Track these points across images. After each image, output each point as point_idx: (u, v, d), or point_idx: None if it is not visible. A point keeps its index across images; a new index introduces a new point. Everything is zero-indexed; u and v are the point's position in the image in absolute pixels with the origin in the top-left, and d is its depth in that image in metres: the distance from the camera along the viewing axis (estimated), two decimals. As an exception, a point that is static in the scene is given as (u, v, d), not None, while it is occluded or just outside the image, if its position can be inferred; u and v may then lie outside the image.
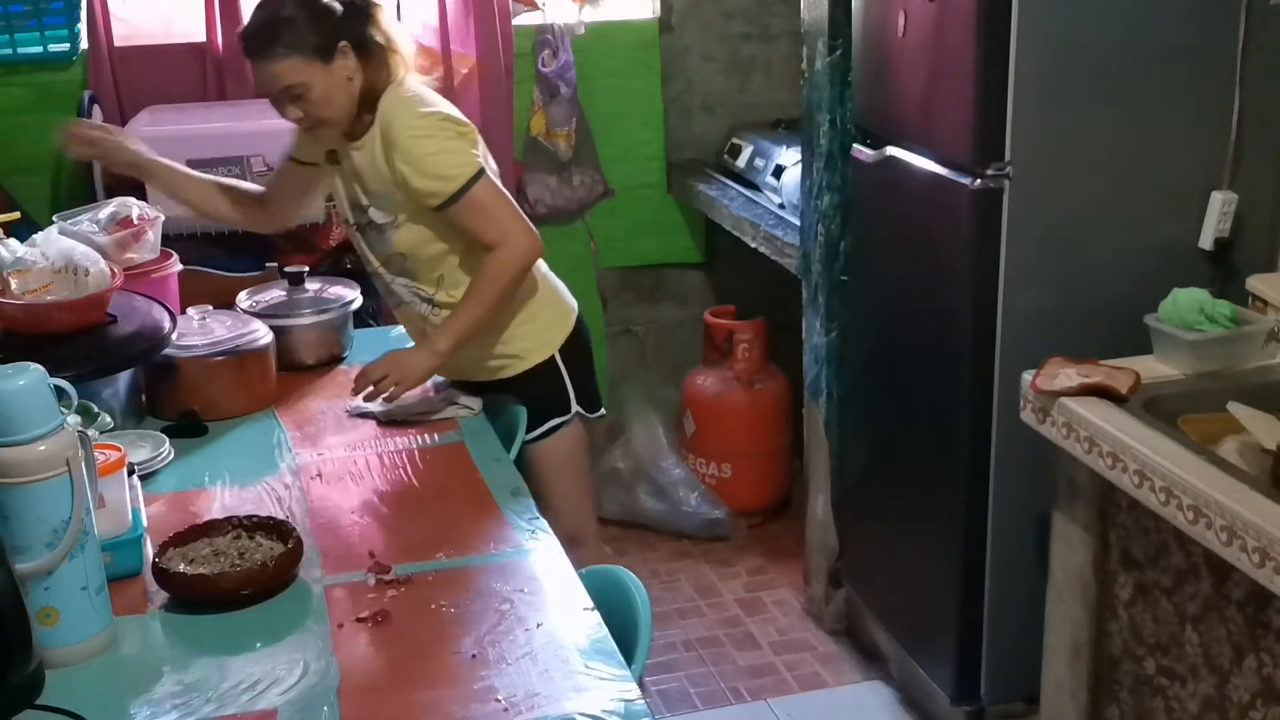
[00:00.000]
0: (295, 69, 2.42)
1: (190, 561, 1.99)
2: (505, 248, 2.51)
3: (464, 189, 2.47)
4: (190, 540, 2.05)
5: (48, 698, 1.71)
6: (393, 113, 2.50)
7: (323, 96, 2.45)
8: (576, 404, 2.75)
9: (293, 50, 2.42)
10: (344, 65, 2.45)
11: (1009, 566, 2.85)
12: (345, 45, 2.45)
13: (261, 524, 2.08)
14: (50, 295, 2.45)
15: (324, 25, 2.44)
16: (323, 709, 1.69)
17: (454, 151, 2.49)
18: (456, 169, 2.48)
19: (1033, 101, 2.60)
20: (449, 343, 2.55)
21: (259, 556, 1.99)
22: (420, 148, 2.47)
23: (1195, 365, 2.40)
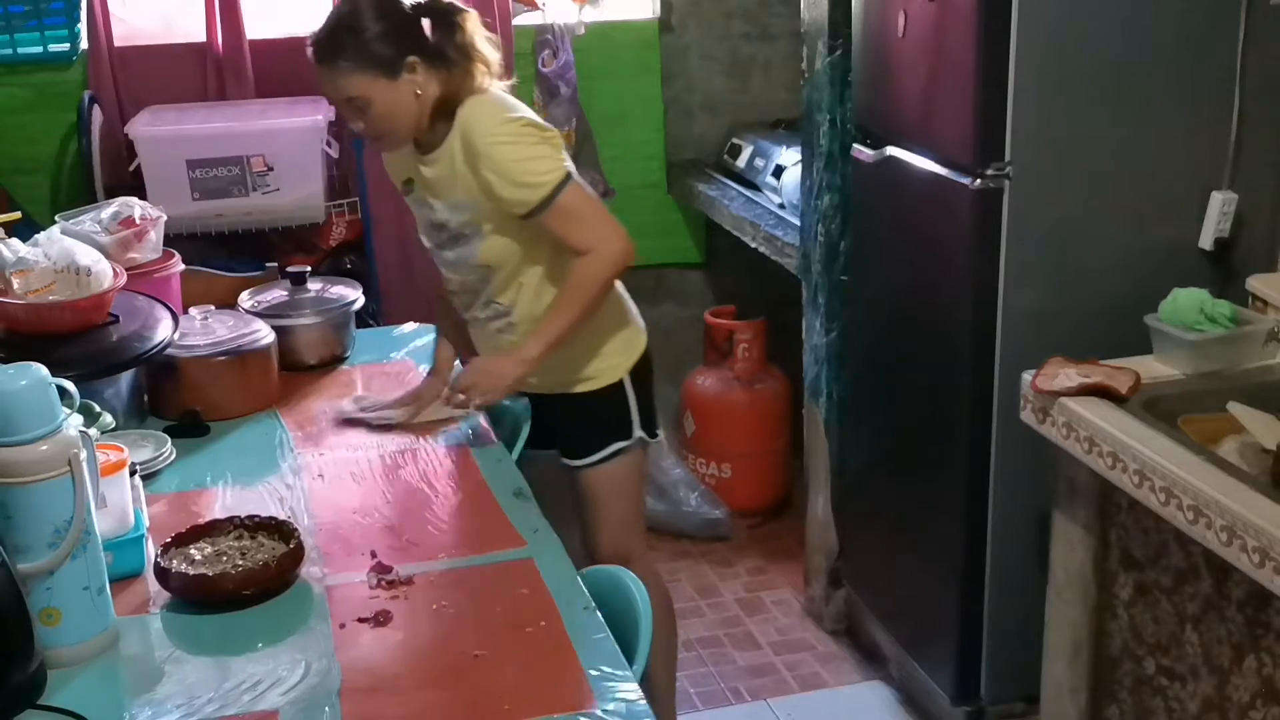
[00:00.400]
0: (358, 83, 2.35)
1: (192, 561, 1.99)
2: (597, 252, 2.42)
3: (552, 195, 2.38)
4: (192, 540, 2.05)
5: (49, 698, 1.72)
6: (474, 119, 2.41)
7: (386, 111, 2.37)
8: (639, 428, 2.66)
9: (356, 63, 2.34)
10: (411, 80, 2.36)
11: (1009, 566, 2.86)
12: (415, 60, 2.36)
13: (263, 524, 2.09)
14: (52, 295, 2.45)
15: (394, 39, 2.35)
16: (324, 709, 1.69)
17: (540, 157, 2.40)
18: (543, 175, 2.39)
19: (1033, 101, 2.60)
20: (539, 348, 2.45)
21: (261, 556, 1.99)
22: (506, 154, 2.38)
23: (1195, 365, 2.40)
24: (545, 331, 2.45)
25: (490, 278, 2.52)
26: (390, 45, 2.34)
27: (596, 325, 2.54)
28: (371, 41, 2.33)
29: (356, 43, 2.33)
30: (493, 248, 2.48)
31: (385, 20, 2.35)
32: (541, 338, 2.45)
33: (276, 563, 1.96)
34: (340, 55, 2.34)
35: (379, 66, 2.34)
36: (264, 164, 3.52)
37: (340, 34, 2.35)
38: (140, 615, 1.93)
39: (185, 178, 3.49)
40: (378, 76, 2.34)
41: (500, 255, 2.49)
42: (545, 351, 2.45)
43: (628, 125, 4.24)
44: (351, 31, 2.34)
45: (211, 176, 3.50)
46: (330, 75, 2.36)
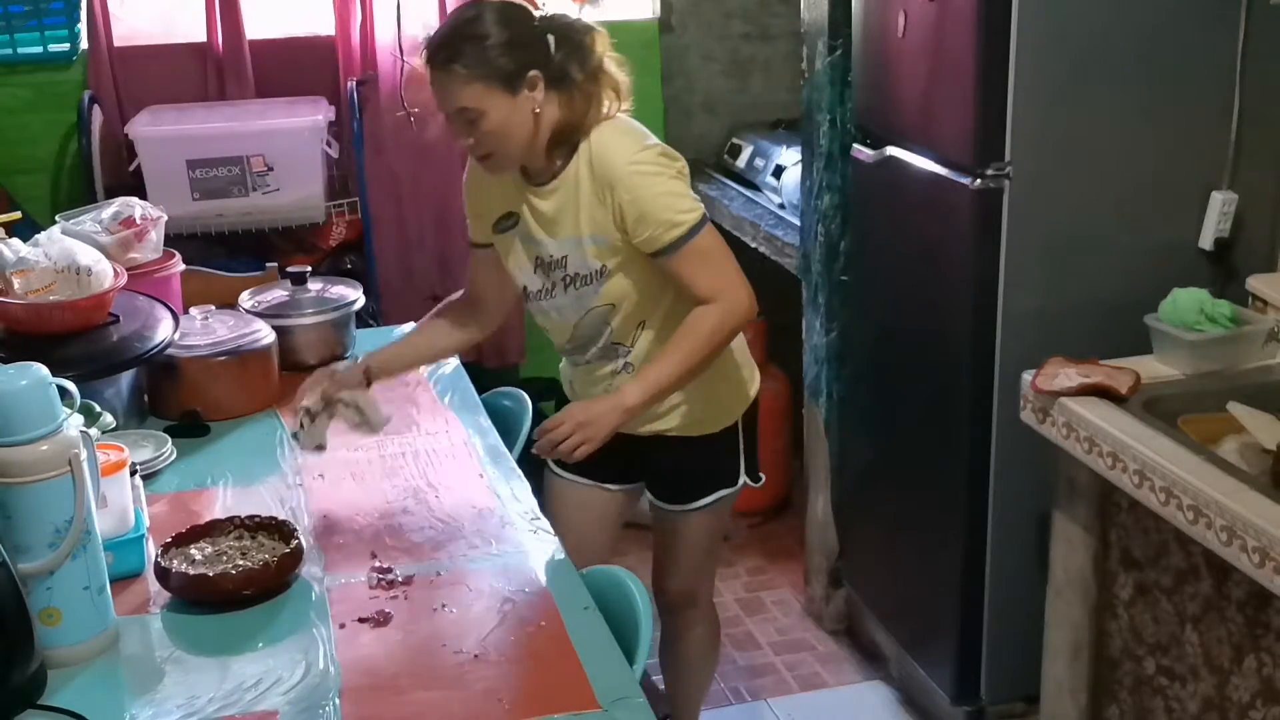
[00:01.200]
0: (473, 92, 2.16)
1: (192, 561, 1.99)
2: (722, 303, 2.23)
3: (688, 235, 2.20)
4: (192, 540, 2.05)
5: (49, 698, 1.72)
6: (611, 145, 2.23)
7: (500, 128, 2.18)
8: (745, 474, 2.53)
9: (473, 72, 2.15)
10: (530, 98, 2.18)
11: (1009, 566, 2.86)
12: (536, 75, 2.18)
13: (264, 524, 2.09)
14: (53, 295, 2.45)
15: (517, 50, 2.17)
16: (324, 709, 1.69)
17: (680, 194, 2.22)
18: (684, 213, 2.21)
19: (1033, 101, 2.60)
20: (641, 398, 2.23)
21: (261, 556, 1.99)
22: (648, 185, 2.20)
23: (1195, 365, 2.40)
24: (650, 379, 2.24)
25: (611, 319, 2.33)
26: (513, 56, 2.16)
27: (721, 367, 2.37)
28: (492, 49, 2.15)
29: (476, 49, 2.15)
30: (616, 286, 2.29)
31: (510, 29, 2.18)
32: (645, 385, 2.24)
33: (276, 563, 1.96)
34: (457, 59, 2.15)
35: (498, 77, 2.15)
36: (264, 164, 3.52)
37: (460, 38, 2.17)
38: (140, 615, 1.93)
39: (185, 178, 3.49)
40: (495, 88, 2.15)
41: (623, 293, 2.30)
42: (648, 401, 2.25)
43: (628, 125, 4.24)
44: (472, 37, 2.16)
45: (211, 176, 3.50)
46: (444, 81, 2.17)
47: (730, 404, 2.46)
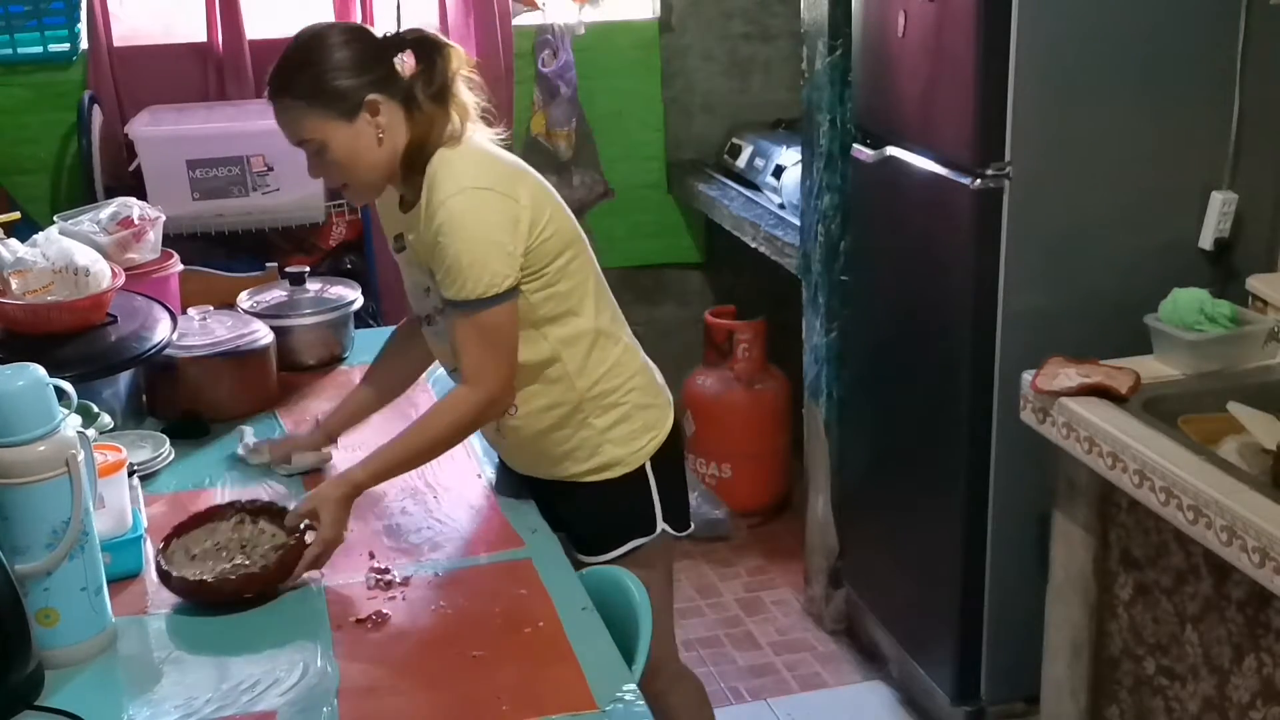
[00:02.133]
0: (309, 124, 2.05)
1: (193, 557, 1.99)
2: (475, 392, 2.09)
3: (474, 304, 2.04)
4: (192, 529, 2.04)
5: (47, 699, 1.72)
6: (440, 175, 2.07)
7: (344, 157, 2.06)
8: (662, 521, 2.30)
9: (307, 101, 2.04)
10: (372, 122, 2.05)
11: (1009, 566, 2.85)
12: (376, 99, 2.04)
13: (265, 508, 2.08)
14: (51, 295, 2.45)
15: (352, 74, 2.03)
16: (323, 710, 1.69)
17: (485, 259, 2.03)
18: (474, 281, 2.03)
19: (1033, 101, 2.60)
20: (366, 476, 2.10)
21: (264, 546, 1.99)
22: (456, 230, 2.03)
23: (1195, 365, 2.40)
24: (380, 458, 2.11)
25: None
26: (348, 81, 2.03)
27: (610, 405, 2.24)
28: (325, 76, 2.02)
29: (308, 78, 2.03)
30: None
31: (342, 53, 2.04)
32: (372, 466, 2.10)
33: (275, 564, 1.95)
34: (289, 90, 2.05)
35: (332, 105, 2.03)
36: (264, 164, 3.52)
37: (291, 67, 2.06)
38: (138, 616, 1.92)
39: (185, 178, 3.49)
40: (331, 117, 2.03)
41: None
42: (372, 481, 2.11)
43: (628, 125, 4.24)
44: (303, 65, 2.05)
45: (211, 176, 3.50)
46: (279, 113, 2.08)
47: (638, 444, 2.26)
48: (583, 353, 2.21)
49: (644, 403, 2.29)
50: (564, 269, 2.16)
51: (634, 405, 2.27)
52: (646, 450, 2.28)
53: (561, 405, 2.21)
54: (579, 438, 2.23)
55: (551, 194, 2.19)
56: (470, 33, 3.90)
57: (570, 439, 2.23)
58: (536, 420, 2.22)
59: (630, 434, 2.26)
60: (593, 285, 2.24)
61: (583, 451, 2.25)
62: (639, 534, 2.28)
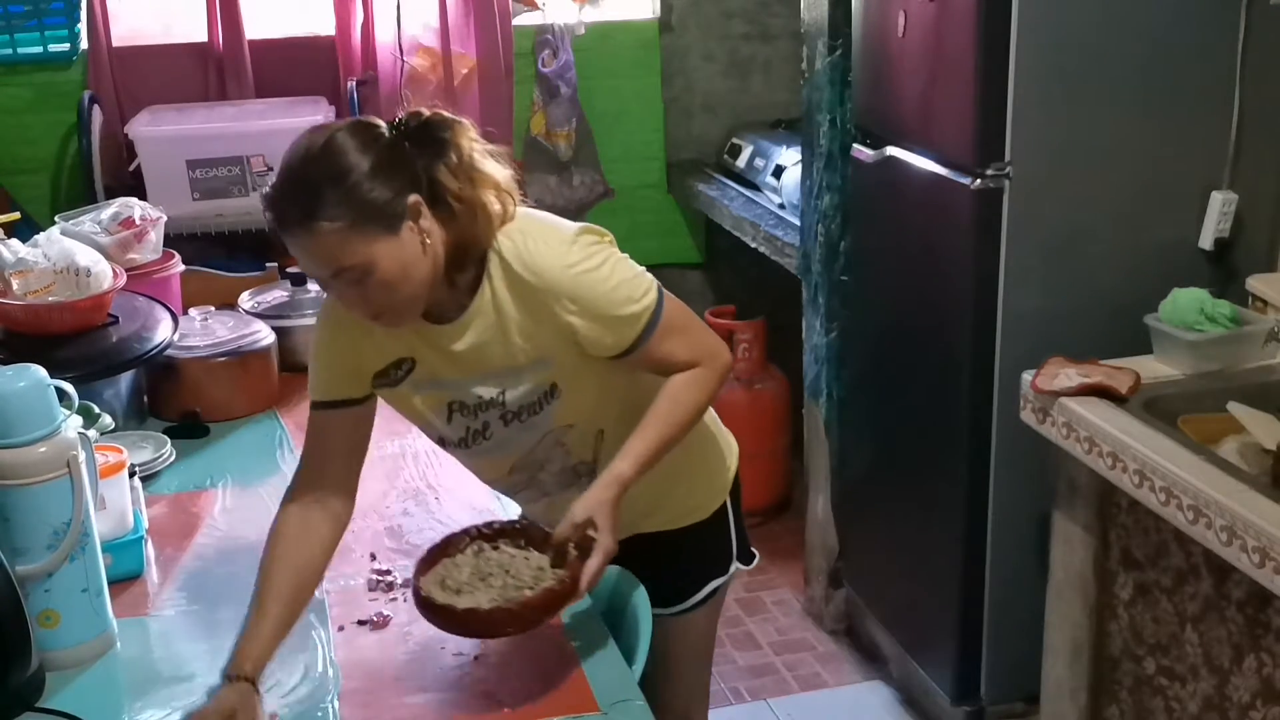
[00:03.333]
0: (351, 248, 1.67)
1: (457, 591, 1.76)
2: (705, 365, 1.87)
3: (655, 319, 1.82)
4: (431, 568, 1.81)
5: (47, 700, 1.72)
6: (538, 255, 1.79)
7: (393, 276, 1.70)
8: (737, 558, 2.14)
9: (345, 223, 1.65)
10: (415, 229, 1.71)
11: (1009, 566, 2.85)
12: (418, 200, 1.71)
13: (502, 531, 1.86)
14: (52, 296, 2.45)
15: (389, 179, 1.69)
16: (323, 711, 1.69)
17: (629, 277, 1.83)
18: (643, 298, 1.82)
19: (1033, 101, 2.60)
20: (633, 468, 1.80)
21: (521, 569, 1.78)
22: (598, 285, 1.79)
23: (1195, 365, 2.40)
24: (640, 452, 1.82)
25: (566, 439, 1.92)
26: (385, 186, 1.68)
27: (701, 445, 2.03)
28: (360, 186, 1.67)
29: (340, 192, 1.66)
30: (569, 406, 1.88)
31: (370, 154, 1.69)
32: (634, 457, 1.81)
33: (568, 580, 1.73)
34: (319, 213, 1.65)
35: (375, 220, 1.67)
36: (264, 164, 3.51)
37: (315, 184, 1.66)
38: (139, 617, 1.93)
39: (185, 178, 3.49)
40: (375, 234, 1.67)
41: (579, 408, 1.89)
42: (639, 473, 1.81)
43: (628, 125, 4.24)
44: (331, 179, 1.66)
45: (211, 176, 3.50)
46: (307, 243, 1.68)
47: (718, 483, 2.09)
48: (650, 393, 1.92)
49: (717, 432, 2.11)
50: None
51: (712, 438, 2.08)
52: (727, 483, 2.10)
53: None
54: (669, 482, 1.97)
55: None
56: (470, 32, 3.90)
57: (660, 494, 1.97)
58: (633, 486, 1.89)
59: (715, 469, 2.08)
60: None
61: (670, 500, 2.02)
62: (717, 575, 2.10)
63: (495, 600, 1.73)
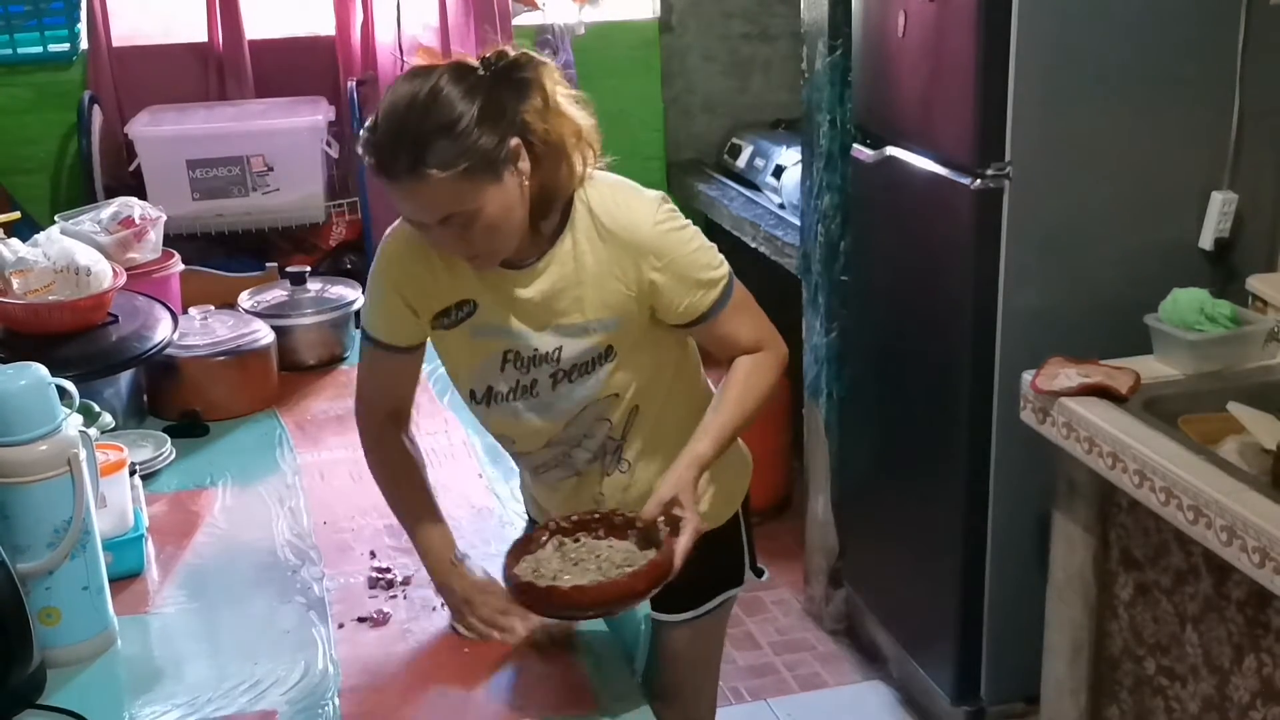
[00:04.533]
0: (459, 194, 1.68)
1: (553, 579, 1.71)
2: (769, 349, 1.91)
3: (727, 292, 1.88)
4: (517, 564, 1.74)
5: (49, 698, 1.72)
6: (628, 208, 1.82)
7: (498, 220, 1.72)
8: (750, 568, 2.15)
9: (455, 170, 1.66)
10: (516, 172, 1.72)
11: (1009, 566, 2.86)
12: (519, 144, 1.72)
13: (580, 524, 1.81)
14: (52, 295, 2.45)
15: (493, 124, 1.69)
16: (323, 709, 1.69)
17: (708, 246, 1.88)
18: (718, 269, 1.87)
19: (1033, 101, 2.60)
20: (712, 447, 1.82)
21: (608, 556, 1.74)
22: (681, 247, 1.82)
23: (1195, 365, 2.40)
24: (716, 433, 1.83)
25: (610, 413, 1.91)
26: (490, 135, 1.68)
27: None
28: (467, 134, 1.67)
29: (449, 141, 1.66)
30: (623, 372, 1.88)
31: (475, 98, 1.69)
32: (712, 435, 1.82)
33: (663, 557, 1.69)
34: (428, 161, 1.65)
35: (483, 166, 1.68)
36: (264, 164, 3.52)
37: (424, 133, 1.66)
38: (140, 615, 1.93)
39: (185, 178, 3.49)
40: (482, 179, 1.68)
41: (629, 380, 1.89)
42: (717, 453, 1.83)
43: (628, 125, 4.24)
44: (440, 128, 1.66)
45: (211, 176, 3.50)
46: (416, 190, 1.69)
47: (735, 490, 2.09)
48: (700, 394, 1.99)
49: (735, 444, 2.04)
50: None
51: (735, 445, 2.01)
52: (741, 493, 2.11)
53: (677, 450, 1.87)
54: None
55: None
56: (470, 32, 3.90)
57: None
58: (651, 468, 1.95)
59: (730, 479, 2.06)
60: None
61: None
62: (729, 585, 2.10)
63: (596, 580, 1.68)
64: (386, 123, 1.70)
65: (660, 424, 1.93)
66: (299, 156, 3.55)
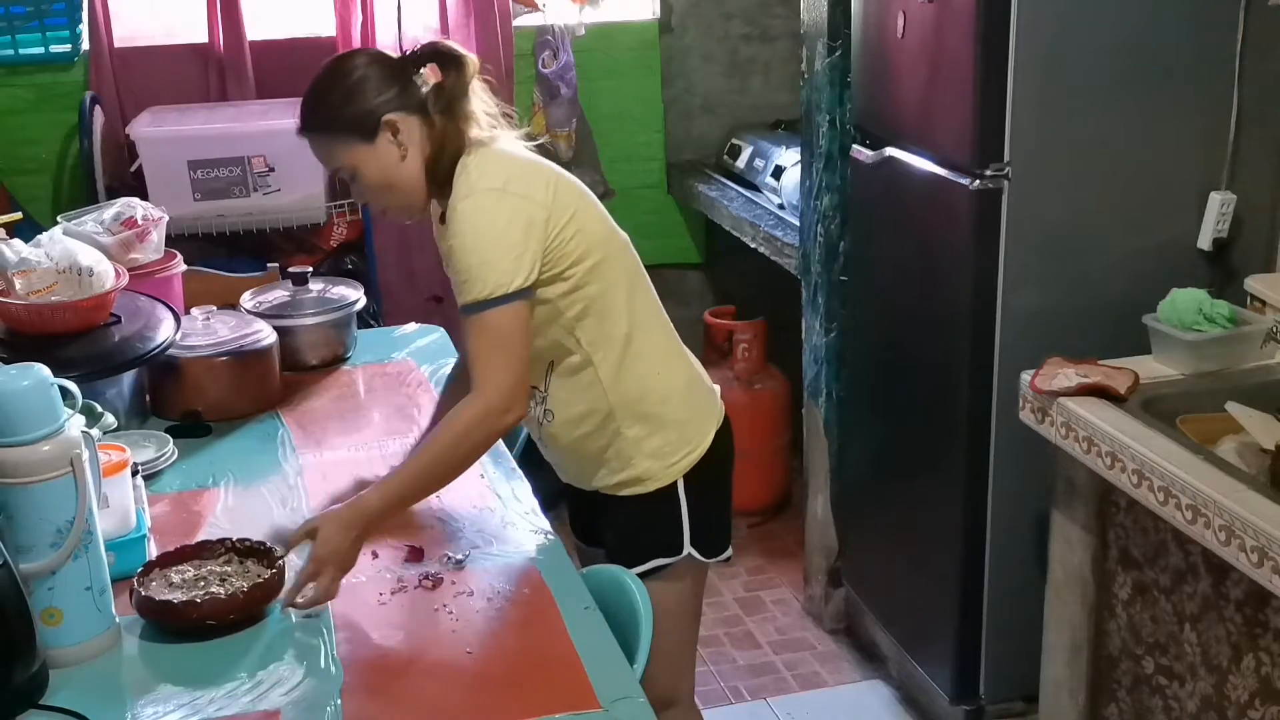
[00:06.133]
0: (337, 154, 2.09)
1: (170, 585, 1.92)
2: (478, 399, 2.00)
3: (480, 305, 2.00)
4: (180, 561, 1.98)
5: (51, 698, 1.72)
6: (463, 176, 2.07)
7: (375, 180, 2.08)
8: (690, 544, 2.24)
9: (326, 133, 2.09)
10: (393, 141, 2.05)
11: (1008, 566, 2.86)
12: (393, 118, 2.04)
13: (254, 549, 2.00)
14: (54, 296, 2.45)
15: (364, 99, 2.04)
16: (326, 709, 1.70)
17: (496, 260, 2.00)
18: (481, 281, 1.99)
19: (1032, 102, 2.61)
20: (380, 505, 1.99)
21: (239, 585, 1.91)
22: (469, 230, 2.02)
23: (1194, 365, 2.41)
24: (393, 486, 2.01)
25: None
26: (362, 105, 2.05)
27: (648, 415, 2.19)
28: (342, 105, 2.05)
29: (325, 109, 2.08)
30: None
31: (358, 75, 2.07)
32: (386, 491, 2.00)
33: (246, 594, 1.88)
34: (310, 125, 2.10)
35: (352, 131, 2.05)
36: (265, 164, 3.52)
37: (309, 102, 2.10)
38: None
39: (186, 178, 3.50)
40: (354, 143, 2.06)
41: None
42: (387, 511, 2.00)
43: (628, 126, 4.25)
44: (321, 98, 2.09)
45: (213, 177, 3.51)
46: (311, 146, 2.13)
47: (673, 460, 2.21)
48: (615, 359, 2.15)
49: (682, 417, 2.22)
50: (593, 270, 2.11)
51: (670, 418, 2.20)
52: (680, 466, 2.21)
53: (595, 413, 2.17)
54: (613, 448, 2.19)
55: (581, 194, 2.16)
56: (470, 33, 3.91)
57: (604, 449, 2.20)
58: (572, 428, 2.20)
59: (664, 447, 2.19)
60: (626, 288, 2.17)
61: (616, 462, 2.20)
62: (663, 554, 2.22)
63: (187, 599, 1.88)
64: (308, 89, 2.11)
65: (576, 385, 2.16)
66: (300, 157, 3.46)
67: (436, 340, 3.05)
